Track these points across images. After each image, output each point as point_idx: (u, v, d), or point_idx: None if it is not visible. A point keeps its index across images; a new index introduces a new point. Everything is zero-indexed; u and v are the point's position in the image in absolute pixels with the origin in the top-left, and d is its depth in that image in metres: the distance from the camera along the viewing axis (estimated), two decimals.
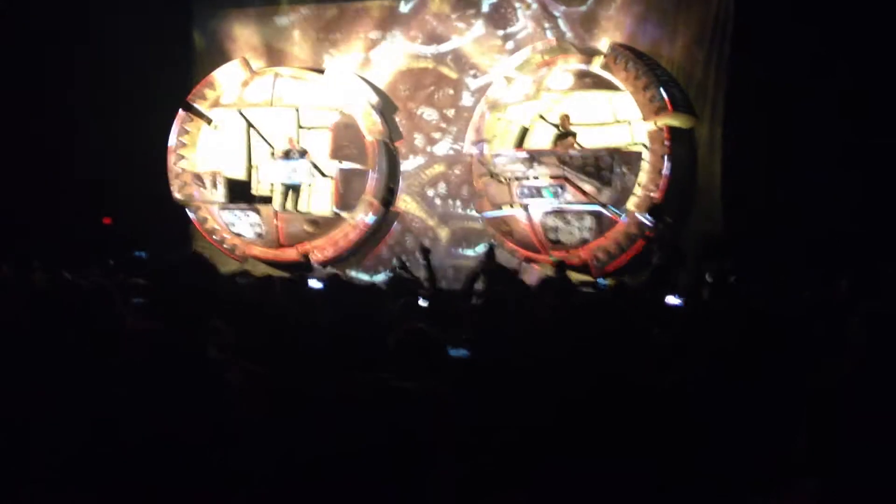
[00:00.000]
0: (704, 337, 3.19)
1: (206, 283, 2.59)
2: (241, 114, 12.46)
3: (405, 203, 11.96)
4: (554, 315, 3.62)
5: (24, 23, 11.78)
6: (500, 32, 11.45)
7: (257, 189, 12.36)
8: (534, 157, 10.61)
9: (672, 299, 4.91)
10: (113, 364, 2.48)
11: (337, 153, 11.72)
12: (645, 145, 10.42)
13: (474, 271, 6.74)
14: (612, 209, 10.34)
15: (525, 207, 10.67)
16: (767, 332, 2.87)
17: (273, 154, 12.31)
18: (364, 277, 11.67)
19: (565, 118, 10.91)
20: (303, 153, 12.03)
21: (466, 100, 11.66)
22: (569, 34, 11.00)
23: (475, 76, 11.60)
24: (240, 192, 12.19)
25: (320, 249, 11.78)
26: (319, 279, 9.41)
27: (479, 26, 11.57)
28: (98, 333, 2.83)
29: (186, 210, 12.28)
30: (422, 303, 5.17)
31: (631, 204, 10.35)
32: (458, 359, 3.58)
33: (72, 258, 9.01)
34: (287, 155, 12.05)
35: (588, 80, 10.57)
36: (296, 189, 12.20)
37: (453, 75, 11.73)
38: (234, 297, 4.03)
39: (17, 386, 2.54)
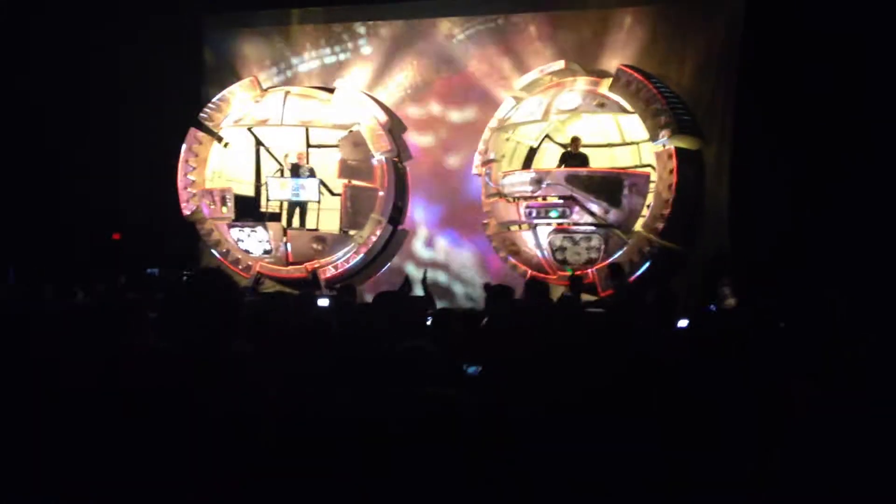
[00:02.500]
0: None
1: (224, 297, 2.62)
2: (251, 132, 12.55)
3: None
4: (565, 335, 3.69)
5: (35, 39, 11.90)
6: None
7: (266, 206, 12.42)
8: (541, 178, 10.66)
9: (681, 322, 4.93)
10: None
11: (345, 172, 11.78)
12: (652, 167, 10.46)
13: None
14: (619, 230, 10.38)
15: (532, 227, 10.71)
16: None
17: (282, 171, 12.39)
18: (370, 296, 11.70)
19: (576, 140, 10.97)
20: (311, 171, 12.09)
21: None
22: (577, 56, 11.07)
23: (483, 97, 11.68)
24: (248, 210, 12.26)
25: (326, 268, 11.83)
26: (327, 296, 9.48)
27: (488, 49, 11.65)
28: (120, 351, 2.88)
29: (195, 227, 12.34)
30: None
31: (638, 225, 10.38)
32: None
33: (81, 275, 9.09)
34: (296, 171, 12.11)
35: (596, 102, 10.62)
36: (302, 207, 12.27)
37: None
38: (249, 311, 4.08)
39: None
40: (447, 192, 11.93)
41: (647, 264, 10.24)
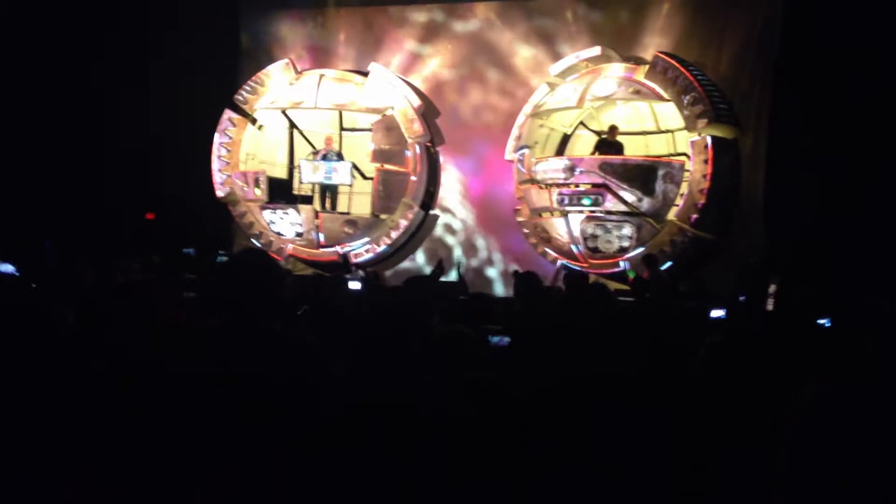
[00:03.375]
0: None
1: (267, 277, 2.63)
2: (285, 114, 12.59)
3: None
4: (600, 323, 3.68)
5: (70, 22, 12.01)
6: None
7: (299, 189, 12.48)
8: (575, 165, 10.60)
9: (717, 312, 4.89)
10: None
11: (378, 156, 11.80)
12: (687, 155, 10.36)
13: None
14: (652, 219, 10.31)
15: (564, 214, 10.66)
16: None
17: (313, 155, 12.44)
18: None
19: (614, 129, 10.90)
20: (339, 155, 12.12)
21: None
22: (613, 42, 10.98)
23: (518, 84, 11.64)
24: (281, 192, 12.32)
25: (357, 251, 11.88)
26: (358, 279, 9.51)
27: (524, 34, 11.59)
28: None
29: (228, 208, 12.43)
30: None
31: (671, 214, 10.30)
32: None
33: (116, 253, 9.18)
34: (324, 156, 12.15)
35: (631, 89, 10.52)
36: (333, 190, 12.30)
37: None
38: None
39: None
40: (480, 177, 11.90)
41: (680, 253, 10.16)
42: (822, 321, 4.31)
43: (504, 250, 11.72)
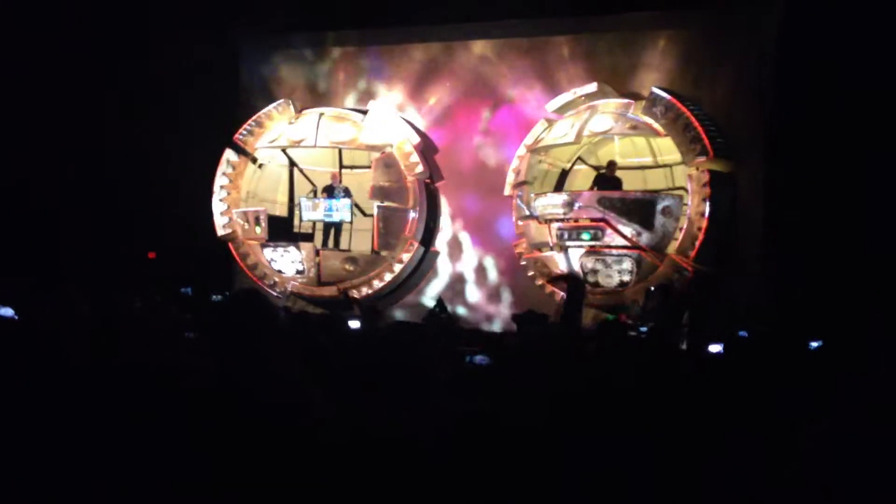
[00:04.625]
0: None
1: (260, 320, 2.65)
2: (285, 153, 12.68)
3: None
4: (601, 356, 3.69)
5: (71, 58, 12.13)
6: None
7: (299, 227, 12.52)
8: (574, 200, 10.64)
9: (715, 347, 4.89)
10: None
11: (377, 193, 11.85)
12: (685, 189, 10.41)
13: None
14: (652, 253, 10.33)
15: (564, 249, 10.68)
16: None
17: (316, 192, 12.51)
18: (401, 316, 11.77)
19: (612, 164, 10.97)
20: (346, 191, 12.21)
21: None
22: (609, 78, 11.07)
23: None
24: (282, 230, 12.36)
25: (359, 288, 11.89)
26: (357, 318, 9.49)
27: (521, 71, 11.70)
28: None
29: (229, 247, 12.46)
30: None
31: (671, 248, 10.32)
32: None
33: (119, 291, 9.18)
34: (330, 192, 12.23)
35: (628, 124, 10.59)
36: (337, 227, 12.36)
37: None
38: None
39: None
40: (479, 213, 11.94)
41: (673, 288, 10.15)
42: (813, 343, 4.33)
43: (504, 286, 11.74)
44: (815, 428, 2.50)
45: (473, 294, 11.88)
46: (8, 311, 6.44)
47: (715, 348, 4.79)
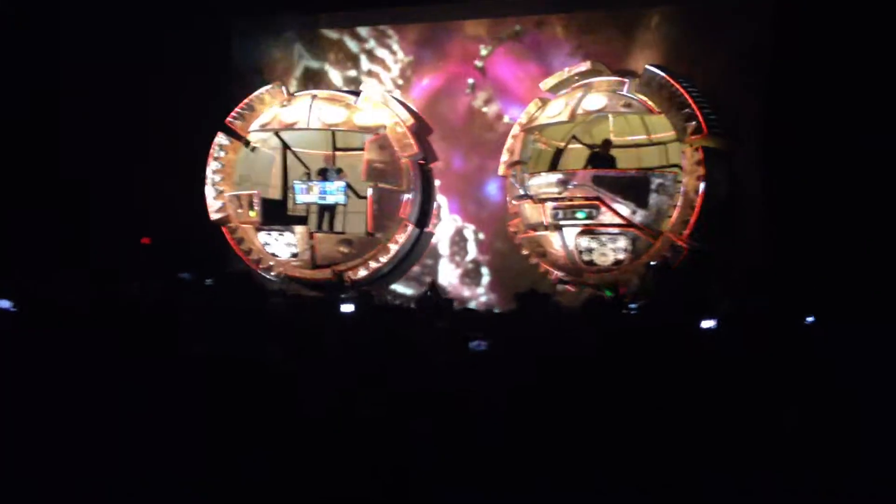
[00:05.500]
0: None
1: (253, 302, 2.64)
2: (279, 136, 12.61)
3: None
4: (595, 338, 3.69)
5: (62, 39, 12.05)
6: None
7: (293, 209, 12.48)
8: (568, 179, 10.61)
9: (707, 323, 4.88)
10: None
11: (371, 174, 11.80)
12: (680, 167, 10.37)
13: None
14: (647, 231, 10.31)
15: (559, 228, 10.65)
16: None
17: (309, 175, 12.46)
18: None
19: (607, 143, 10.93)
20: (339, 171, 12.18)
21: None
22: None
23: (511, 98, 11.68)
24: (276, 213, 12.32)
25: (354, 270, 11.86)
26: (351, 301, 9.47)
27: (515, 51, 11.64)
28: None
29: (224, 230, 12.41)
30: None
31: (666, 226, 10.29)
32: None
33: (114, 278, 9.16)
34: (324, 174, 12.18)
35: (622, 102, 10.54)
36: (331, 210, 12.31)
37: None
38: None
39: None
40: (474, 194, 11.92)
41: (670, 266, 10.15)
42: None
43: (498, 266, 11.74)
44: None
45: (469, 275, 11.89)
46: (4, 304, 6.40)
47: (707, 324, 4.79)
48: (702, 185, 9.99)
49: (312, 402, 2.66)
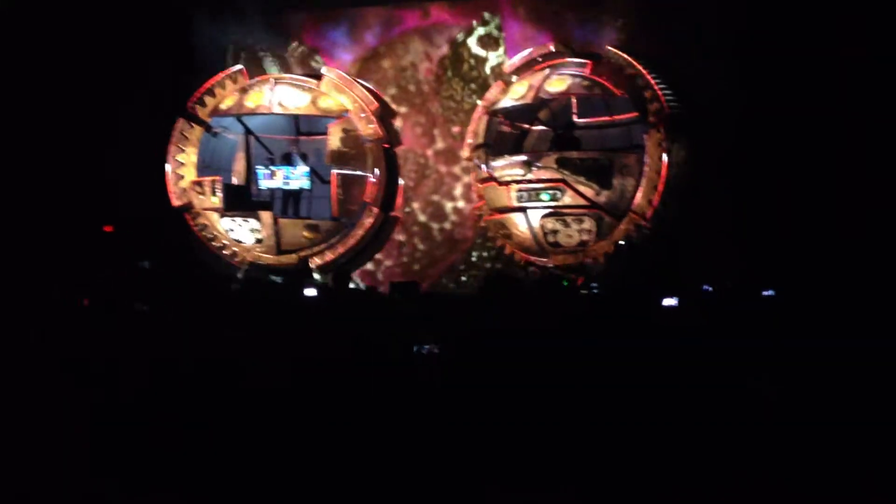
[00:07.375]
0: None
1: (215, 287, 2.65)
2: (240, 120, 12.47)
3: None
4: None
5: (25, 30, 11.83)
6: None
7: (257, 195, 12.37)
8: (532, 161, 10.63)
9: (669, 301, 4.93)
10: None
11: (336, 158, 11.71)
12: (643, 148, 10.42)
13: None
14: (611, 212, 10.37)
15: (523, 210, 10.68)
16: None
17: (273, 160, 12.35)
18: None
19: (571, 125, 10.97)
20: (304, 156, 12.10)
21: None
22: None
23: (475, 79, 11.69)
24: (239, 199, 12.19)
25: (320, 255, 11.79)
26: (315, 285, 9.45)
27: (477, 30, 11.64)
28: None
29: (186, 217, 12.26)
30: None
31: (630, 206, 10.36)
32: None
33: (74, 266, 9.06)
34: (288, 159, 12.09)
35: (586, 84, 10.56)
36: (295, 195, 12.22)
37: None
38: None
39: None
40: (438, 177, 11.92)
41: (637, 245, 10.22)
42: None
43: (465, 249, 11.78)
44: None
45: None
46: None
47: (669, 302, 4.83)
48: (664, 166, 10.05)
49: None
